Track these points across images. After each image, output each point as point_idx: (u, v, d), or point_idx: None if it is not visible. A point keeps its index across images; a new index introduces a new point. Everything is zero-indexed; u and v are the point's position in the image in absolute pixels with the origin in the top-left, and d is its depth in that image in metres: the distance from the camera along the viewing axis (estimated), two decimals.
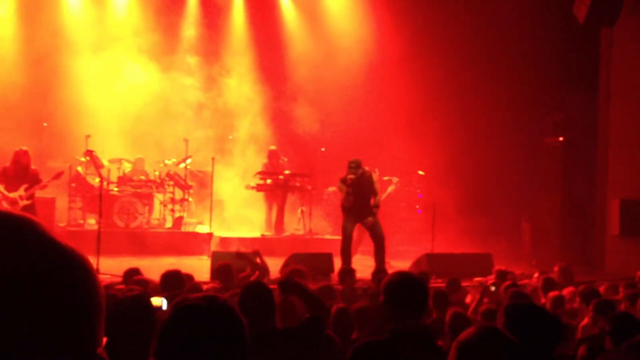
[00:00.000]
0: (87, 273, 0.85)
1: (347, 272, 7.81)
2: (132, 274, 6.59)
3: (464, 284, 7.89)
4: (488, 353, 2.34)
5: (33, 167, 11.00)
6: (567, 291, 6.60)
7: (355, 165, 10.24)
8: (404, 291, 3.50)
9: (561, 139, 14.24)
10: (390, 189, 13.69)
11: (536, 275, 8.17)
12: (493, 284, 6.76)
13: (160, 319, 1.87)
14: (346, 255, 10.19)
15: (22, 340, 0.77)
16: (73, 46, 15.10)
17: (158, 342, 1.74)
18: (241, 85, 15.75)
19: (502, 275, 7.71)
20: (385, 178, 13.91)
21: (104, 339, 0.87)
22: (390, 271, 7.13)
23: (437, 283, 8.65)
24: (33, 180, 10.73)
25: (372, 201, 10.40)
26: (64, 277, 0.82)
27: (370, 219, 10.33)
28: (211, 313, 1.75)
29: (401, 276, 3.64)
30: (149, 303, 3.41)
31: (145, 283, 6.04)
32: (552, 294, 6.12)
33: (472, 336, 2.37)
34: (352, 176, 10.15)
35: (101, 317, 0.85)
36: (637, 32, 12.91)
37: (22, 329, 0.77)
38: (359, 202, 10.27)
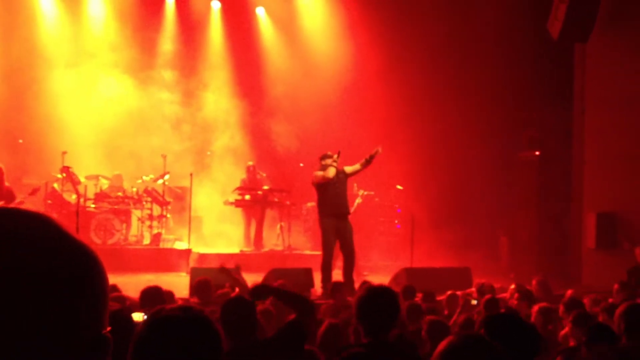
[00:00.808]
0: (97, 264, 0.96)
1: (339, 286, 7.76)
2: (110, 291, 6.50)
3: (442, 297, 7.90)
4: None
5: (7, 184, 10.87)
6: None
7: (327, 156, 10.04)
8: (374, 305, 3.55)
9: (537, 153, 14.40)
10: (358, 201, 13.65)
11: (512, 287, 8.20)
12: (475, 299, 6.79)
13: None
14: (327, 272, 10.01)
15: (41, 326, 0.86)
16: (49, 62, 15.01)
17: (133, 353, 1.74)
18: (219, 100, 15.76)
19: (483, 289, 7.72)
20: (361, 192, 13.91)
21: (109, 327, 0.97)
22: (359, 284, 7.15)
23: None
24: (8, 197, 10.61)
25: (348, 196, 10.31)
26: (80, 269, 0.92)
27: (348, 223, 10.15)
28: (187, 324, 1.75)
29: (371, 291, 3.68)
30: (131, 318, 3.38)
31: (123, 300, 5.97)
32: (540, 305, 6.14)
33: (455, 344, 2.37)
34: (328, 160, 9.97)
35: (107, 304, 0.97)
36: (609, 48, 13.13)
37: (42, 316, 0.86)
38: (337, 199, 10.00)
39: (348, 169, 10.31)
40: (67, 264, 0.90)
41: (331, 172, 9.89)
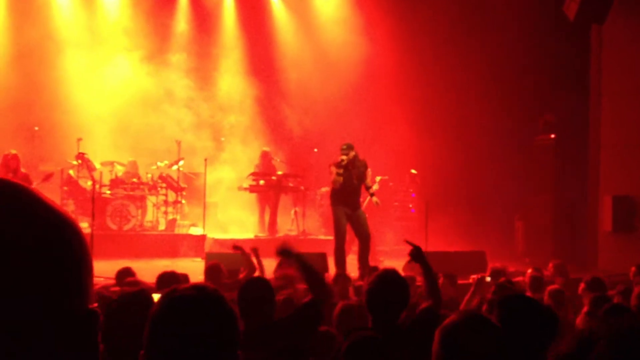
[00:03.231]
0: (76, 234, 0.90)
1: (341, 277, 7.75)
2: (125, 274, 6.55)
3: (460, 281, 7.89)
4: (471, 338, 2.36)
5: (23, 170, 10.94)
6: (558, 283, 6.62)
7: (346, 147, 9.96)
8: (383, 292, 3.55)
9: (553, 136, 14.27)
10: (375, 187, 13.60)
11: (529, 271, 8.16)
12: (490, 274, 6.79)
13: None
14: (340, 257, 9.93)
15: (20, 297, 0.81)
16: (63, 48, 15.05)
17: (149, 332, 1.74)
18: (233, 86, 15.75)
19: (497, 273, 7.70)
20: (378, 178, 13.84)
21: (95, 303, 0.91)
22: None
23: None
24: (24, 183, 10.69)
25: (363, 189, 10.24)
26: (55, 237, 0.86)
27: (360, 211, 10.12)
28: (201, 302, 1.75)
29: (379, 279, 3.67)
30: (152, 299, 3.41)
31: (138, 284, 6.01)
32: (551, 287, 6.11)
33: (454, 323, 2.39)
34: (344, 157, 9.89)
35: (91, 277, 0.90)
36: (626, 30, 12.97)
37: (21, 286, 0.81)
38: (348, 189, 9.93)
39: (367, 180, 10.35)
40: (40, 231, 0.84)
41: (336, 183, 9.93)
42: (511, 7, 14.04)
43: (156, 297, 3.62)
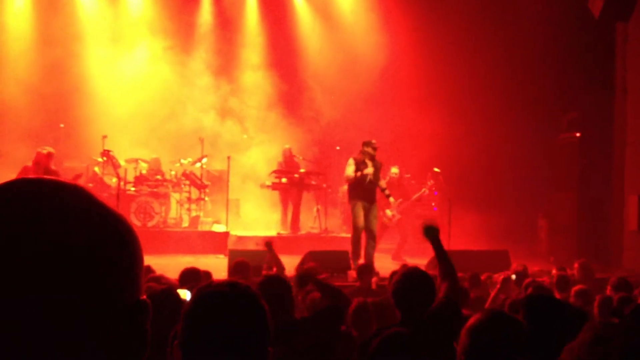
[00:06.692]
0: (132, 233, 0.96)
1: (366, 268, 7.81)
2: (145, 272, 6.56)
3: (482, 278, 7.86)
4: (496, 335, 2.41)
5: (53, 167, 11.06)
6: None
7: (367, 144, 10.42)
8: (409, 290, 3.63)
9: (578, 134, 14.14)
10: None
11: (554, 272, 8.11)
12: (515, 273, 6.77)
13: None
14: (357, 249, 10.26)
15: (82, 298, 0.86)
16: (88, 46, 15.22)
17: (184, 325, 1.78)
18: (256, 83, 15.81)
19: (521, 275, 7.66)
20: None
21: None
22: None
23: None
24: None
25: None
26: (118, 238, 0.92)
27: (375, 206, 10.44)
28: (234, 298, 1.79)
29: (406, 275, 3.71)
30: (179, 296, 3.46)
31: (160, 280, 6.06)
32: (577, 287, 6.08)
33: (480, 321, 2.43)
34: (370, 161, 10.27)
35: (142, 270, 0.98)
36: None
37: (85, 287, 0.86)
38: (369, 186, 10.34)
39: (382, 182, 10.82)
40: (104, 234, 0.90)
41: (367, 175, 10.26)
42: (535, 4, 13.92)
43: (180, 292, 3.68)
